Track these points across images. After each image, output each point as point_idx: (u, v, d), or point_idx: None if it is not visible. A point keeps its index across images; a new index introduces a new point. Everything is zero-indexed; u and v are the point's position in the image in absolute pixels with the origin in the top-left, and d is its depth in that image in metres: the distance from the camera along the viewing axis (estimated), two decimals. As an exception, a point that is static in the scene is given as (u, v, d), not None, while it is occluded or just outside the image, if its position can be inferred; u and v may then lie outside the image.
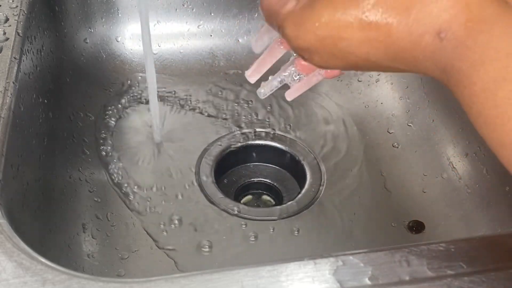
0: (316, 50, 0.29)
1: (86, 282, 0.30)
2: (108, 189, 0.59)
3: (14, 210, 0.39)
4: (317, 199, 0.60)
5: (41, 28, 0.59)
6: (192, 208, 0.58)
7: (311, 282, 0.31)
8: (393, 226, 0.57)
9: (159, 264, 0.53)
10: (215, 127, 0.67)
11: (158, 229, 0.56)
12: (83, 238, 0.54)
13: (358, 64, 0.29)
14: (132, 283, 0.31)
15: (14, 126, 0.43)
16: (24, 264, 0.32)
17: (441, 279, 0.31)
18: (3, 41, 0.49)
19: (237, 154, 0.65)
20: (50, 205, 0.51)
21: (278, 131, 0.66)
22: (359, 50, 0.28)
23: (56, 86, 0.61)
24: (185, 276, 0.31)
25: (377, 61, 0.28)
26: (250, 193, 0.65)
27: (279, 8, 0.30)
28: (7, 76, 0.46)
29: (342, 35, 0.27)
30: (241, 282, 0.30)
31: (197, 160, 0.63)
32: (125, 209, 0.57)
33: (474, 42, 0.25)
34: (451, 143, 0.61)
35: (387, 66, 0.28)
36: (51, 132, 0.56)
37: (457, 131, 0.61)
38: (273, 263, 0.31)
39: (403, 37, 0.26)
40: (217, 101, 0.70)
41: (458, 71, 0.25)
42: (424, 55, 0.26)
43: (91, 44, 0.70)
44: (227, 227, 0.57)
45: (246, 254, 0.55)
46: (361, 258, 0.32)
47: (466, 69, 0.25)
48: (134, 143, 0.65)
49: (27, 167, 0.46)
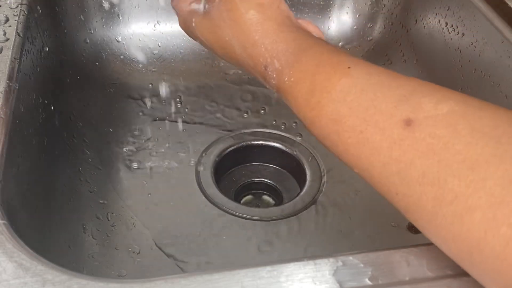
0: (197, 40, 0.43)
1: (86, 282, 0.30)
2: (108, 189, 0.59)
3: (14, 211, 0.39)
4: (317, 199, 0.60)
5: (41, 28, 0.59)
6: (192, 208, 0.58)
7: (311, 283, 0.31)
8: (393, 226, 0.57)
9: (159, 264, 0.53)
10: (215, 127, 0.67)
11: (158, 229, 0.56)
12: (83, 239, 0.54)
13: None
14: (132, 284, 0.31)
15: (14, 126, 0.43)
16: (24, 264, 0.32)
17: (441, 279, 0.31)
18: (3, 41, 0.49)
19: (237, 154, 0.65)
20: (50, 206, 0.51)
21: (278, 131, 0.66)
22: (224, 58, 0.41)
23: (56, 86, 0.61)
24: (185, 277, 0.31)
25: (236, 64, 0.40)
26: (250, 193, 0.65)
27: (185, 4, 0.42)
28: (7, 76, 0.46)
29: (212, 50, 0.41)
30: (241, 283, 0.30)
31: (197, 160, 0.63)
32: (125, 209, 0.57)
33: (290, 69, 0.35)
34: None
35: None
36: (51, 132, 0.56)
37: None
38: (273, 264, 0.31)
39: (245, 62, 0.38)
40: (217, 101, 0.70)
41: (282, 91, 0.36)
42: (259, 77, 0.38)
43: (91, 44, 0.70)
44: (227, 227, 0.57)
45: (246, 254, 0.55)
46: (361, 259, 0.32)
47: (288, 88, 0.35)
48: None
49: (27, 168, 0.46)
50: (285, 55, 0.35)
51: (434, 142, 0.27)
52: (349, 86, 0.31)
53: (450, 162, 0.26)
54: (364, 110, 0.30)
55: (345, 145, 0.31)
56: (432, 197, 0.26)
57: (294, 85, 0.34)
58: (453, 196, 0.25)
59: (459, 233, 0.25)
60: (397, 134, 0.28)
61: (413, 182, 0.27)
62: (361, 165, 0.31)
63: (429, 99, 0.28)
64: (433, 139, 0.27)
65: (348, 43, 0.75)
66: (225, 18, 0.38)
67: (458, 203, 0.25)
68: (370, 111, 0.30)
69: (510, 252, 0.23)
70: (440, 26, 0.63)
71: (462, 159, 0.25)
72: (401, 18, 0.71)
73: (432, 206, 0.26)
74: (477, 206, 0.24)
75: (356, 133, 0.30)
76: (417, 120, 0.28)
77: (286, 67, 0.35)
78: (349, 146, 0.31)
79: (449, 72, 0.61)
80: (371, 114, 0.30)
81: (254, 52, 0.37)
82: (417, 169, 0.27)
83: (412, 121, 0.28)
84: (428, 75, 0.66)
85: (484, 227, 0.24)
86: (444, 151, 0.26)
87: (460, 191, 0.25)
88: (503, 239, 0.23)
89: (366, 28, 0.75)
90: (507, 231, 0.23)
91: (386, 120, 0.29)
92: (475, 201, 0.24)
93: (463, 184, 0.25)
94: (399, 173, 0.28)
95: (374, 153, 0.29)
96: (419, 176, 0.27)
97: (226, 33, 0.38)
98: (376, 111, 0.29)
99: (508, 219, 0.23)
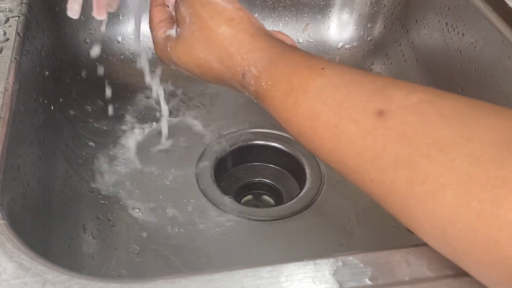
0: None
1: (86, 282, 0.30)
2: (108, 189, 0.59)
3: (14, 211, 0.39)
4: (317, 199, 0.60)
5: (41, 28, 0.59)
6: (192, 208, 0.58)
7: (311, 283, 0.31)
8: (393, 226, 0.57)
9: (159, 264, 0.53)
10: (214, 127, 0.67)
11: (158, 229, 0.56)
12: (84, 239, 0.54)
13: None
14: (132, 284, 0.31)
15: (14, 126, 0.43)
16: (24, 264, 0.32)
17: (441, 279, 0.31)
18: (3, 41, 0.49)
19: (237, 154, 0.66)
20: (51, 206, 0.51)
21: (278, 131, 0.66)
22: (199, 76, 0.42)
23: (56, 86, 0.61)
24: (185, 277, 0.31)
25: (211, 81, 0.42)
26: (250, 193, 0.65)
27: (157, 27, 0.44)
28: (7, 76, 0.46)
29: (189, 71, 0.43)
30: (241, 283, 0.30)
31: (197, 160, 0.63)
32: (125, 209, 0.57)
33: (267, 74, 0.36)
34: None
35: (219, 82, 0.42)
36: (51, 132, 0.56)
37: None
38: (273, 264, 0.31)
39: (223, 74, 0.40)
40: (217, 101, 0.70)
41: (260, 96, 0.37)
42: (237, 86, 0.40)
43: (91, 44, 0.70)
44: (227, 227, 0.57)
45: (246, 254, 0.55)
46: (361, 259, 0.32)
47: (266, 91, 0.36)
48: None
49: (27, 168, 0.46)
50: (262, 62, 0.37)
51: (405, 129, 0.28)
52: (324, 84, 0.33)
53: (420, 145, 0.27)
54: (338, 104, 0.32)
55: (321, 140, 0.33)
56: (405, 180, 0.28)
57: (272, 88, 0.36)
58: (424, 176, 0.27)
59: (432, 210, 0.26)
60: (370, 124, 0.30)
61: (386, 167, 0.29)
62: (336, 157, 0.32)
63: (400, 91, 0.30)
64: (404, 125, 0.28)
65: (348, 43, 0.75)
66: (198, 37, 0.40)
67: (430, 182, 0.26)
68: (344, 105, 0.31)
69: (481, 225, 0.24)
70: (440, 26, 0.63)
71: (432, 142, 0.27)
72: (401, 18, 0.71)
73: (405, 189, 0.28)
74: (448, 184, 0.26)
75: (331, 127, 0.32)
76: (389, 110, 0.29)
77: (264, 72, 0.37)
78: (325, 140, 0.32)
79: (449, 72, 0.61)
80: (345, 108, 0.31)
81: (231, 63, 0.38)
82: (389, 154, 0.28)
83: (384, 111, 0.29)
84: (428, 75, 0.66)
85: (456, 203, 0.25)
86: (415, 135, 0.28)
87: (431, 171, 0.26)
88: (474, 212, 0.25)
89: (366, 28, 0.75)
90: (477, 205, 0.24)
91: (360, 112, 0.30)
92: (446, 179, 0.26)
93: (433, 164, 0.26)
94: (373, 160, 0.29)
95: (348, 144, 0.31)
96: (392, 161, 0.28)
97: (201, 50, 0.40)
98: (350, 104, 0.31)
99: (477, 194, 0.24)
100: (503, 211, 0.24)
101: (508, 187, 0.24)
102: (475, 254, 0.25)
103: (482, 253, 0.25)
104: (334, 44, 0.76)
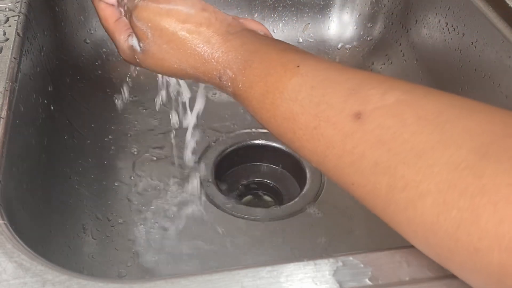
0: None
1: (86, 282, 0.30)
2: (108, 190, 0.59)
3: (14, 211, 0.39)
4: (317, 199, 0.60)
5: (41, 28, 0.59)
6: (192, 208, 0.58)
7: (311, 283, 0.31)
8: (393, 226, 0.57)
9: (159, 264, 0.53)
10: (215, 127, 0.67)
11: (158, 229, 0.56)
12: (83, 239, 0.54)
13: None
14: (132, 284, 0.31)
15: (14, 126, 0.43)
16: (24, 265, 0.32)
17: (441, 279, 0.31)
18: (3, 41, 0.49)
19: (237, 154, 0.65)
20: (50, 206, 0.51)
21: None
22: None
23: (56, 86, 0.61)
24: (185, 277, 0.31)
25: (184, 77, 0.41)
26: (250, 193, 0.65)
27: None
28: (7, 76, 0.45)
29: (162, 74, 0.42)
30: (241, 283, 0.30)
31: (197, 160, 0.63)
32: (125, 210, 0.57)
33: (242, 75, 0.36)
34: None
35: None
36: (51, 132, 0.56)
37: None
38: (273, 264, 0.31)
39: (200, 78, 0.39)
40: (217, 100, 0.70)
41: (238, 96, 0.37)
42: (216, 87, 0.39)
43: (91, 44, 0.70)
44: (227, 227, 0.57)
45: (246, 254, 0.55)
46: (361, 259, 0.32)
47: (243, 93, 0.36)
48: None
49: (27, 168, 0.46)
50: (236, 63, 0.37)
51: (383, 133, 0.28)
52: (300, 84, 0.33)
53: (399, 151, 0.27)
54: (315, 106, 0.31)
55: (301, 142, 0.32)
56: (385, 185, 0.27)
57: (249, 90, 0.36)
58: (404, 183, 0.26)
59: (413, 217, 0.26)
60: (348, 127, 0.29)
61: (366, 172, 0.28)
62: (317, 159, 0.32)
63: (376, 90, 0.29)
64: (381, 129, 0.28)
65: (348, 43, 0.75)
66: (167, 49, 0.39)
67: (410, 190, 0.26)
68: (321, 107, 0.31)
69: (462, 234, 0.24)
70: (440, 26, 0.63)
71: (410, 147, 0.27)
72: (401, 18, 0.71)
73: (385, 194, 0.27)
74: (427, 192, 0.25)
75: (309, 130, 0.31)
76: (366, 112, 0.29)
77: (239, 74, 0.36)
78: (305, 142, 0.32)
79: (449, 72, 0.61)
80: (322, 110, 0.31)
81: (206, 69, 0.38)
82: (369, 160, 0.28)
83: (361, 113, 0.29)
84: (428, 75, 0.66)
85: (436, 211, 0.25)
86: (393, 140, 0.27)
87: (410, 178, 0.26)
88: (455, 221, 0.24)
89: (366, 28, 0.75)
90: (457, 214, 0.24)
91: (337, 115, 0.30)
92: (425, 187, 0.25)
93: (412, 171, 0.26)
94: (353, 165, 0.29)
95: (328, 147, 0.30)
96: (372, 166, 0.28)
97: (173, 62, 0.39)
98: (327, 106, 0.31)
99: (457, 202, 0.24)
100: (483, 221, 0.23)
101: (487, 196, 0.23)
102: (457, 260, 0.25)
103: (464, 260, 0.25)
104: (334, 44, 0.76)
